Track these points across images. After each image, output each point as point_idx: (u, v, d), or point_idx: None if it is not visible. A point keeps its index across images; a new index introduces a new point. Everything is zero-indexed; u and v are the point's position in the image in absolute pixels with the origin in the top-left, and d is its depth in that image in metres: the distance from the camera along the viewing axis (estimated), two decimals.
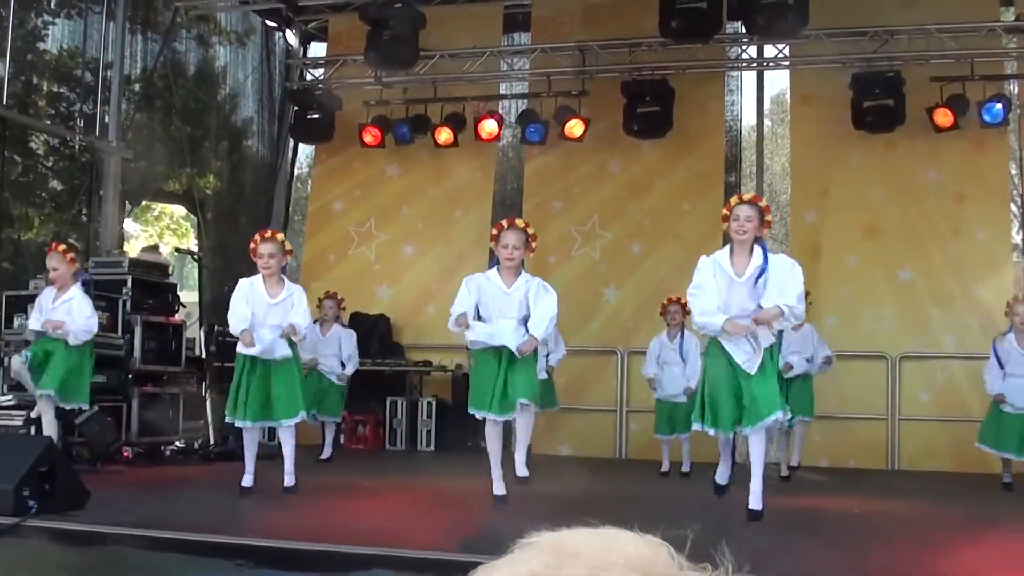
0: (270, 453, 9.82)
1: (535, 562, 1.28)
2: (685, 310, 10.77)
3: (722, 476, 8.14)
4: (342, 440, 13.79)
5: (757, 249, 7.66)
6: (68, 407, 9.82)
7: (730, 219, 7.72)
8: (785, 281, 7.54)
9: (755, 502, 7.67)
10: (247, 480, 8.82)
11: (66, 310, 9.68)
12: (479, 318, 8.35)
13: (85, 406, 9.99)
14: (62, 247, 9.87)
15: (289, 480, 8.91)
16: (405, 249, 15.80)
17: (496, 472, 8.33)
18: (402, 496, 9.67)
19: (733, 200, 7.85)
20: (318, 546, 6.37)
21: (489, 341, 8.21)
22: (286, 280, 9.14)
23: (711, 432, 7.71)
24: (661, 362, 11.62)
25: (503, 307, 8.26)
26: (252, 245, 8.94)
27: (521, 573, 1.28)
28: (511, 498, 8.23)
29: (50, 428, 9.54)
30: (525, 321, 8.25)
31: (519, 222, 8.41)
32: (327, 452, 12.52)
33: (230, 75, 16.60)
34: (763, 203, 7.86)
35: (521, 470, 8.37)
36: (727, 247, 7.84)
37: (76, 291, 9.76)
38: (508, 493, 8.31)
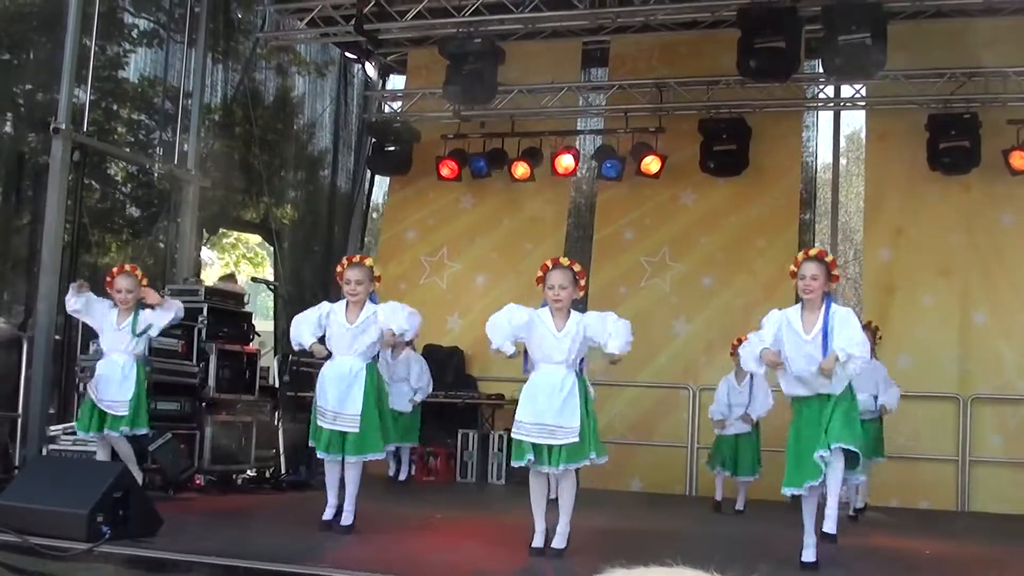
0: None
1: None
2: None
3: (809, 553, 7.69)
4: (413, 471, 13.89)
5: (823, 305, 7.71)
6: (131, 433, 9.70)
7: (797, 276, 7.78)
8: (844, 330, 7.55)
9: (830, 525, 7.68)
10: (328, 513, 8.67)
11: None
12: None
13: (145, 431, 9.84)
14: (138, 270, 9.84)
15: (347, 518, 8.62)
16: (477, 279, 15.91)
17: (539, 525, 7.89)
18: (473, 529, 9.74)
19: (799, 256, 7.87)
20: None
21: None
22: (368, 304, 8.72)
23: (795, 492, 7.69)
24: (729, 403, 11.65)
25: (551, 351, 7.88)
26: (339, 269, 8.68)
27: None
28: (577, 532, 8.01)
29: (126, 457, 9.60)
30: (575, 363, 7.91)
31: (564, 260, 8.01)
32: (404, 474, 12.62)
33: (308, 105, 16.82)
34: (829, 258, 7.87)
35: (559, 541, 7.81)
36: (799, 304, 7.85)
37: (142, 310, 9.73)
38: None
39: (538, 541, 7.82)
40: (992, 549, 9.99)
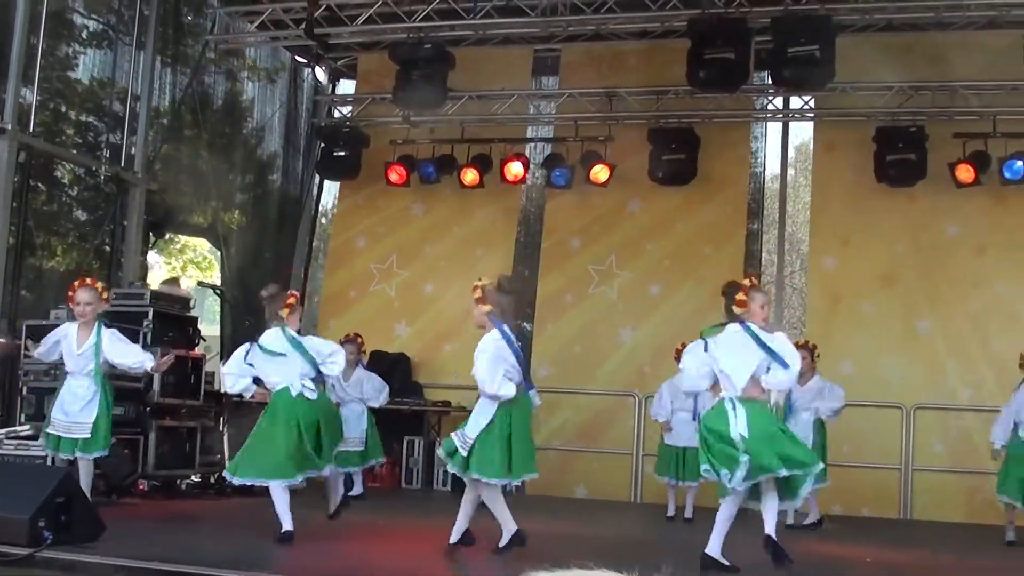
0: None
1: None
2: None
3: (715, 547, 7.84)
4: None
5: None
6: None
7: (751, 305, 7.83)
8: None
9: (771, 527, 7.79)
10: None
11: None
12: None
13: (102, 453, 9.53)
14: (99, 283, 9.66)
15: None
16: (426, 287, 15.88)
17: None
18: (417, 536, 9.74)
19: (747, 283, 7.98)
20: None
21: None
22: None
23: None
24: (673, 408, 11.70)
25: None
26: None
27: None
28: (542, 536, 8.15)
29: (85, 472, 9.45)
30: None
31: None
32: (358, 489, 12.55)
33: (257, 109, 16.73)
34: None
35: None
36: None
37: (104, 331, 9.51)
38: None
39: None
40: (933, 556, 10.18)
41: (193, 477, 12.78)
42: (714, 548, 7.72)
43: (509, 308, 8.44)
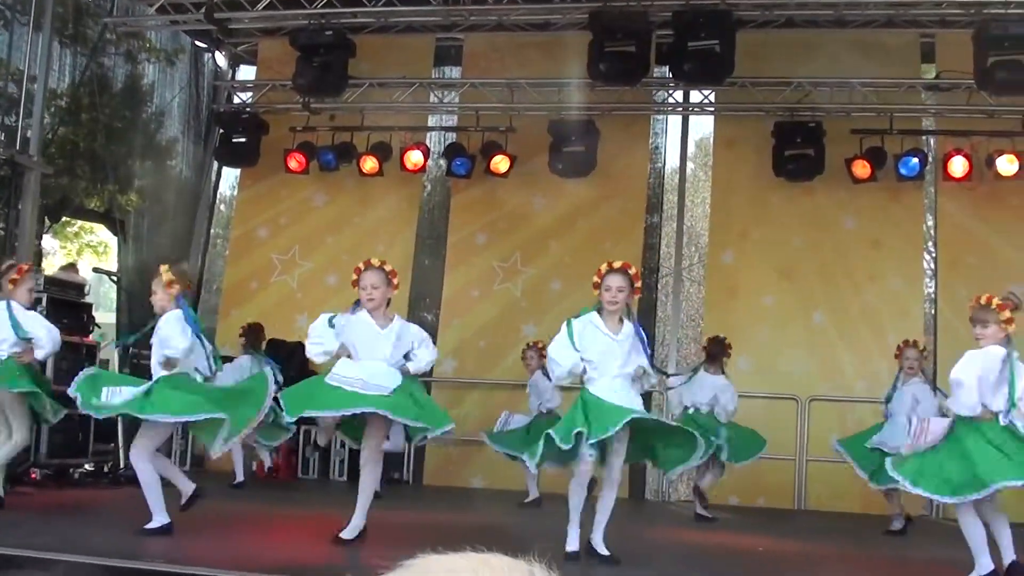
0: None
1: None
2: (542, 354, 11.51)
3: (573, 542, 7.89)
4: (254, 467, 13.76)
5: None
6: None
7: (601, 288, 7.88)
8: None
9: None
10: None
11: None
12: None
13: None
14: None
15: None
16: (328, 279, 15.72)
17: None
18: (311, 526, 9.68)
19: (603, 267, 7.98)
20: (223, 573, 6.39)
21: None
22: None
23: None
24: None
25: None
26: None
27: None
28: (406, 525, 8.12)
29: None
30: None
31: (375, 260, 8.23)
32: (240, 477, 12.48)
33: (157, 94, 16.45)
34: (633, 270, 8.02)
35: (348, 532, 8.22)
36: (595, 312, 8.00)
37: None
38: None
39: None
40: (824, 546, 10.33)
41: (86, 466, 12.58)
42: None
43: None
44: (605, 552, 7.74)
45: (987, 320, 7.53)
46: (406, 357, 8.17)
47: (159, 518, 8.01)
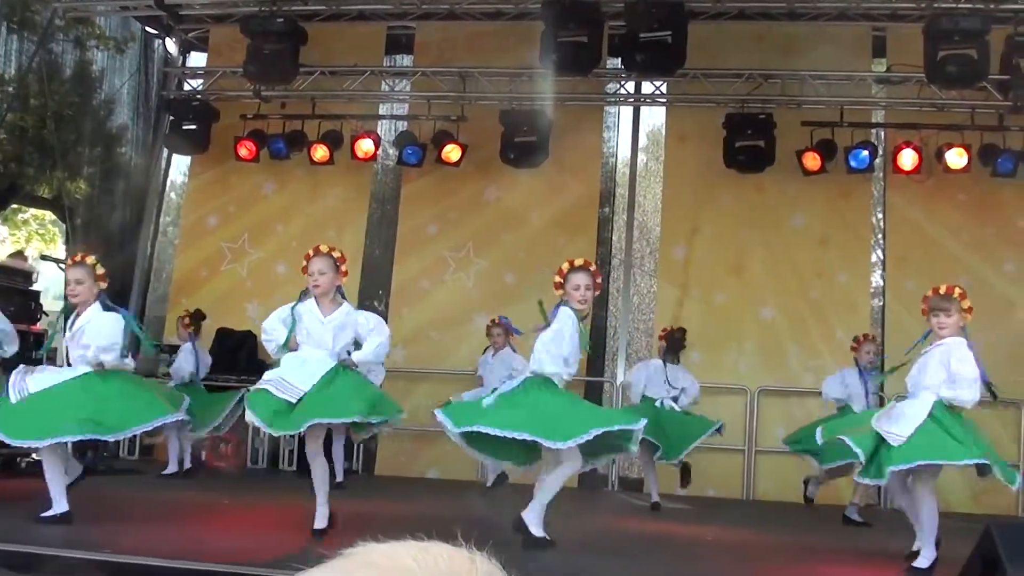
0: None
1: (334, 571, 1.33)
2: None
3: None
4: (203, 456, 13.71)
5: None
6: None
7: (567, 287, 7.90)
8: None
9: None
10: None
11: None
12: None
13: None
14: None
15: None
16: (278, 267, 15.63)
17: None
18: (257, 516, 9.65)
19: (565, 266, 7.99)
20: (170, 562, 6.36)
21: None
22: None
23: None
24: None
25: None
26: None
27: None
28: (363, 516, 8.11)
29: None
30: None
31: (324, 247, 8.31)
32: (187, 464, 12.44)
33: (107, 80, 16.31)
34: (593, 267, 8.07)
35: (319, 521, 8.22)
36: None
37: None
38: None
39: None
40: (770, 535, 10.51)
41: (33, 456, 12.38)
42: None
43: None
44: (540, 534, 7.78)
45: (949, 309, 7.64)
46: (358, 345, 8.16)
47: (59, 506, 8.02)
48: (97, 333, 8.17)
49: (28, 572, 6.41)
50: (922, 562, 7.66)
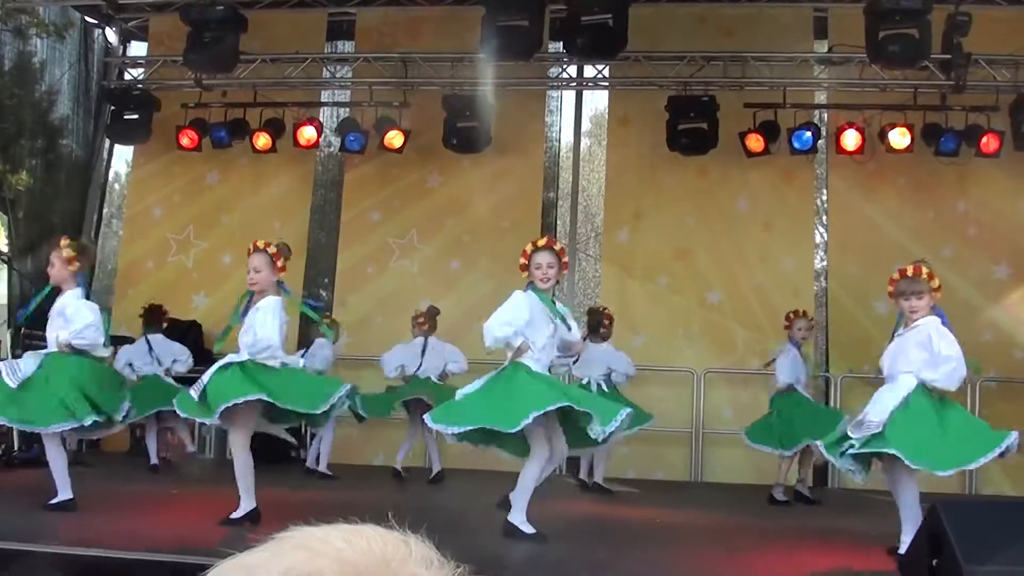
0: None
1: (264, 554, 1.32)
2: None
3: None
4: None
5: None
6: None
7: (531, 267, 7.89)
8: None
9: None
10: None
11: None
12: None
13: None
14: None
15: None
16: (223, 258, 15.53)
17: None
18: (202, 505, 9.60)
19: (528, 247, 7.99)
20: (119, 553, 6.34)
21: None
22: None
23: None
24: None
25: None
26: None
27: (246, 563, 1.31)
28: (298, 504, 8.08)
29: None
30: None
31: (260, 243, 8.24)
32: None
33: (48, 72, 16.14)
34: (558, 246, 8.09)
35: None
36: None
37: None
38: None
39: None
40: (718, 517, 10.53)
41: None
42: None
43: None
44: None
45: (921, 291, 7.60)
46: None
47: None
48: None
49: None
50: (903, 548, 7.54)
